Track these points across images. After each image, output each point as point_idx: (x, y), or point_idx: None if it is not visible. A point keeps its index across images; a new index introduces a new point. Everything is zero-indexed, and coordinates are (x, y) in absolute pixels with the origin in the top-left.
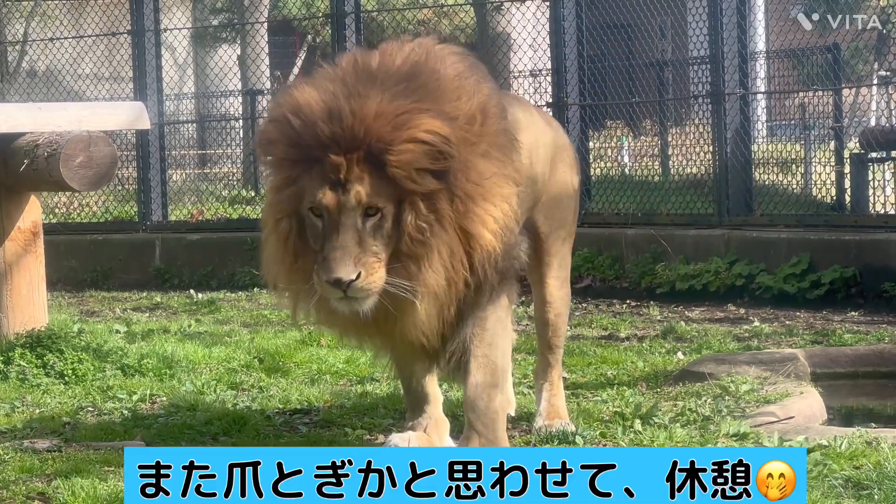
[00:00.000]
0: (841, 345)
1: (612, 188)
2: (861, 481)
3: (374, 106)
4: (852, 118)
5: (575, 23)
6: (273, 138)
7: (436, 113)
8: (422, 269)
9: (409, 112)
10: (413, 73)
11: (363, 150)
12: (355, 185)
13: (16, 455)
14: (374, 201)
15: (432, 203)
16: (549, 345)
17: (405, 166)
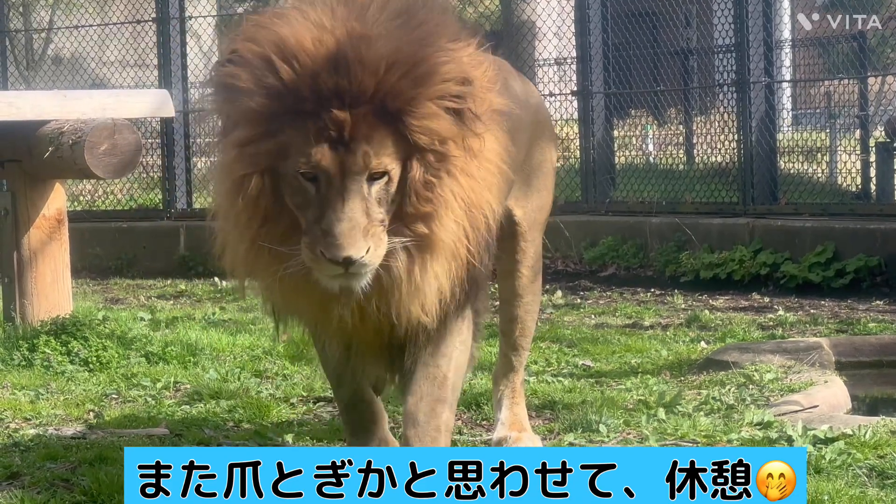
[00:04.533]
0: (865, 334)
1: (637, 177)
2: (885, 470)
3: (385, 51)
4: (878, 107)
5: (600, 11)
6: (245, 87)
7: (454, 55)
8: (433, 227)
9: (428, 60)
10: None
11: (373, 105)
12: (362, 144)
13: (41, 441)
14: (383, 163)
15: (442, 152)
16: (515, 345)
17: (427, 129)
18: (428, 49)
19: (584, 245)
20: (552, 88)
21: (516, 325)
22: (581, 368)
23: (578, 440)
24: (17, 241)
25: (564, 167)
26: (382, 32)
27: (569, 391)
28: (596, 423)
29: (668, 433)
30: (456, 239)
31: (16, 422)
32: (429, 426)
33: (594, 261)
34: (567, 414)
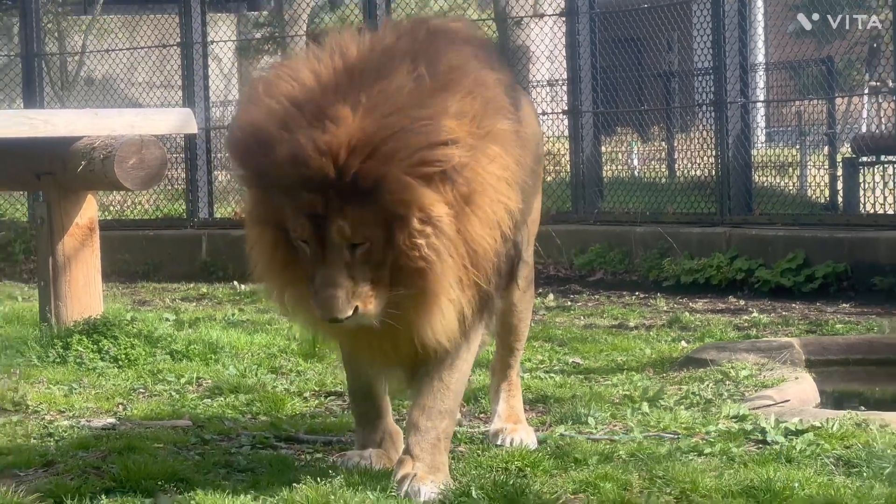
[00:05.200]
0: (833, 334)
1: (623, 189)
2: (851, 460)
3: (345, 137)
4: (845, 125)
5: (589, 37)
6: (239, 157)
7: (428, 121)
8: (426, 281)
9: (395, 136)
10: (393, 64)
11: (343, 184)
12: (337, 220)
13: (73, 432)
14: (361, 234)
15: (426, 215)
16: (511, 348)
17: (402, 201)
18: (398, 122)
19: (574, 252)
20: (545, 108)
21: (512, 331)
22: (571, 365)
23: (569, 431)
24: (52, 247)
25: (556, 180)
26: (347, 114)
27: (560, 386)
28: (585, 415)
29: (652, 425)
30: (454, 283)
31: (51, 414)
32: (429, 434)
33: (583, 266)
34: (558, 407)
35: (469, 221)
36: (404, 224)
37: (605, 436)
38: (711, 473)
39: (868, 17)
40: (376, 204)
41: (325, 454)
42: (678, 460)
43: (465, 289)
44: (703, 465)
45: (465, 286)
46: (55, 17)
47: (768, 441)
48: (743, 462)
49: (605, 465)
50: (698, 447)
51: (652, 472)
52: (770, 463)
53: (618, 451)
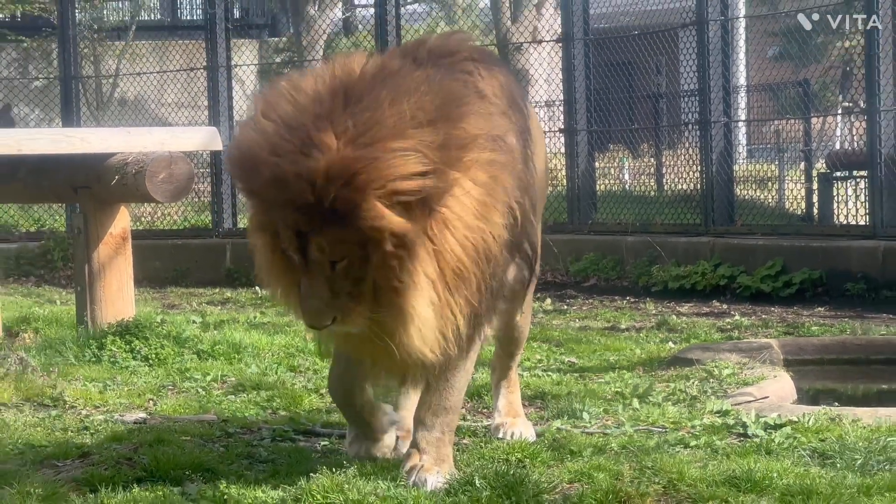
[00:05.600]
0: (809, 336)
1: (615, 202)
2: (825, 452)
3: (325, 165)
4: (820, 143)
5: (584, 61)
6: (235, 174)
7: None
8: (403, 301)
9: (370, 166)
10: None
11: (322, 207)
12: (316, 238)
13: (107, 426)
14: (339, 252)
15: (399, 240)
16: (510, 353)
17: (376, 228)
18: (376, 152)
19: (570, 260)
20: (543, 127)
21: (511, 341)
22: (567, 365)
23: (565, 425)
24: (88, 255)
25: (553, 193)
26: (331, 142)
27: (557, 384)
28: (580, 411)
29: (641, 420)
30: (429, 303)
31: (86, 409)
32: (434, 430)
33: (578, 273)
34: (555, 403)
35: (446, 247)
36: (378, 247)
37: (598, 429)
38: (696, 464)
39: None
40: (353, 226)
41: (340, 446)
42: (666, 452)
43: (447, 307)
44: (689, 456)
45: (448, 305)
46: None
47: (749, 434)
48: (725, 454)
49: (598, 457)
50: (684, 440)
51: (641, 463)
52: (750, 455)
53: (610, 444)
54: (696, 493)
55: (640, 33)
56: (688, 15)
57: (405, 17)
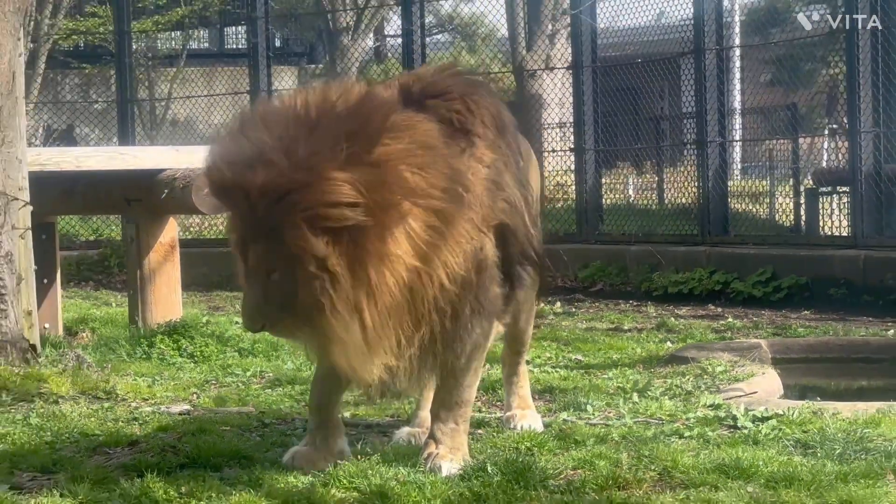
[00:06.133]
0: (796, 336)
1: (620, 214)
2: (808, 442)
3: (260, 181)
4: (807, 161)
5: (592, 86)
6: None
7: (336, 183)
8: (322, 320)
9: (301, 189)
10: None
11: (259, 219)
12: (252, 246)
13: (155, 417)
14: (269, 263)
15: (320, 263)
16: (517, 352)
17: (300, 248)
18: (309, 178)
19: (578, 267)
20: (555, 146)
21: (516, 341)
22: (574, 362)
23: (570, 417)
24: (139, 262)
25: (563, 207)
26: (273, 159)
27: (564, 379)
28: (584, 404)
29: (640, 412)
30: (354, 329)
31: (136, 401)
32: (448, 422)
33: (586, 279)
34: (562, 397)
35: (375, 281)
36: (302, 266)
37: (601, 421)
38: (690, 453)
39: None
40: (281, 242)
41: (365, 436)
42: (662, 442)
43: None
44: (683, 446)
45: (380, 334)
46: (146, 69)
47: (738, 426)
48: (717, 444)
49: (600, 446)
50: (679, 431)
51: (639, 452)
52: (739, 444)
53: (611, 434)
54: (688, 479)
55: (644, 61)
56: (687, 44)
57: (430, 46)
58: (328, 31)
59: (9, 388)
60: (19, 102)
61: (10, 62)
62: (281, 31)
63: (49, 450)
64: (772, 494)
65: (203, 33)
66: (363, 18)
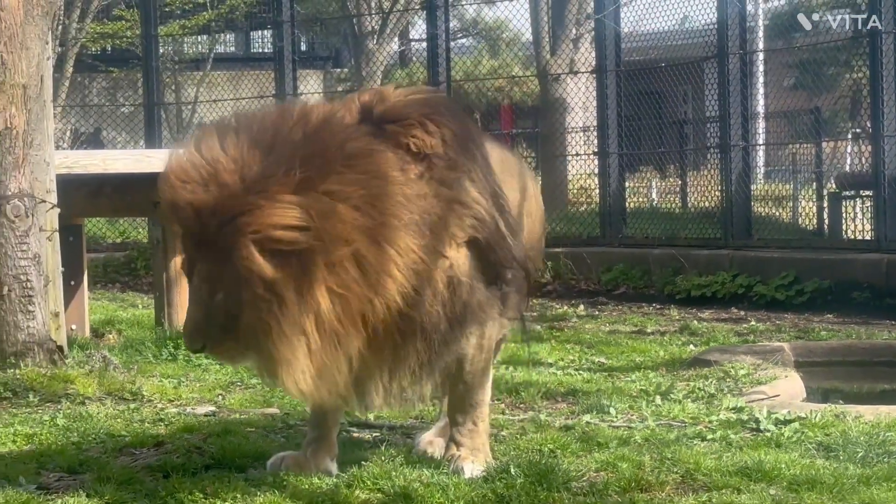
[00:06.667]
0: (818, 340)
1: (643, 218)
2: (830, 445)
3: (211, 201)
4: (830, 165)
5: (615, 90)
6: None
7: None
8: (270, 344)
9: (252, 211)
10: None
11: (207, 238)
12: (198, 264)
13: (180, 418)
14: (214, 284)
15: (268, 285)
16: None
17: (247, 269)
18: (260, 200)
19: (602, 270)
20: (578, 150)
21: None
22: (597, 364)
23: (593, 419)
24: (165, 264)
25: (587, 210)
26: (227, 180)
27: (587, 382)
28: (607, 406)
29: (663, 415)
30: (300, 352)
31: (162, 402)
32: (466, 424)
33: (609, 282)
34: (585, 399)
35: (321, 306)
36: (249, 288)
37: (623, 423)
38: (712, 456)
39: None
40: (229, 263)
41: (389, 437)
42: (684, 445)
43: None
44: (706, 448)
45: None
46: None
47: (761, 429)
48: (739, 447)
49: (622, 448)
50: (702, 434)
51: (662, 455)
52: (762, 447)
53: (634, 437)
54: (710, 482)
55: (668, 65)
56: (710, 49)
57: (454, 50)
58: (353, 36)
59: (36, 389)
60: (47, 106)
61: (39, 66)
62: (307, 36)
63: (75, 450)
64: (794, 497)
65: (229, 37)
66: (388, 23)
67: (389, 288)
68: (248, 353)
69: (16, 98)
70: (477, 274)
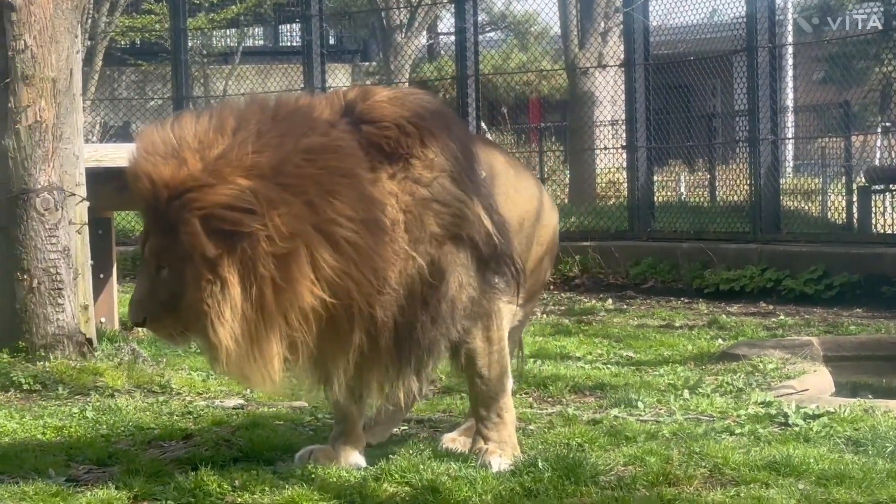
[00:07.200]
0: (847, 334)
1: (672, 212)
2: (859, 440)
3: (167, 174)
4: (860, 159)
5: (644, 84)
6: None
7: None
8: (207, 324)
9: (203, 187)
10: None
11: (160, 212)
12: (150, 237)
13: (209, 410)
14: (162, 257)
15: (211, 266)
16: None
17: (190, 244)
18: (212, 179)
19: (630, 264)
20: (607, 144)
21: None
22: (625, 358)
23: (621, 413)
24: None
25: (615, 204)
26: (190, 159)
27: (615, 376)
28: (635, 400)
29: (691, 409)
30: (237, 335)
31: (190, 395)
32: (490, 418)
33: (637, 276)
34: (613, 393)
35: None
36: (192, 265)
37: (651, 417)
38: (740, 450)
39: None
40: (176, 238)
41: (417, 431)
42: (712, 439)
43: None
44: (734, 443)
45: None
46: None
47: (789, 423)
48: (767, 441)
49: (650, 442)
50: (730, 428)
51: (690, 449)
52: (790, 442)
53: (662, 431)
54: (739, 476)
55: (696, 59)
56: (739, 42)
57: (483, 44)
58: (382, 29)
59: (65, 382)
60: (76, 99)
61: (68, 59)
62: (335, 29)
63: (105, 443)
64: (823, 492)
65: (258, 31)
66: (416, 16)
67: (347, 288)
68: (187, 333)
69: (45, 91)
70: (466, 270)
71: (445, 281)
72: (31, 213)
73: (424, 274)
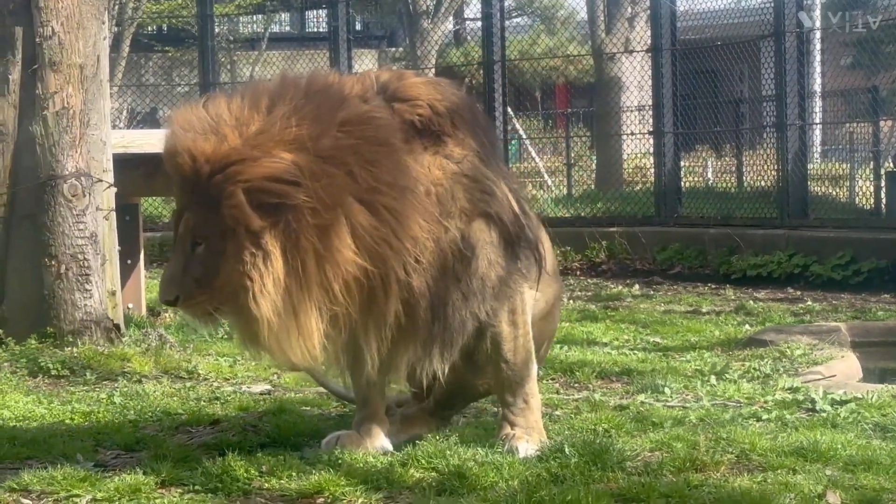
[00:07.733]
0: (875, 320)
1: (699, 197)
2: (887, 426)
3: (209, 149)
4: (888, 144)
5: (671, 69)
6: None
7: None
8: (245, 300)
9: (245, 161)
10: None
11: (200, 187)
12: (186, 214)
13: (236, 396)
14: (199, 232)
15: (254, 238)
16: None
17: (233, 217)
18: (255, 153)
19: (657, 250)
20: (634, 129)
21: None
22: (652, 344)
23: (648, 399)
24: None
25: (642, 189)
26: (230, 134)
27: (642, 361)
28: (662, 386)
29: (718, 395)
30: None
31: (218, 381)
32: (516, 403)
33: (664, 262)
34: (640, 379)
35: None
36: (235, 238)
37: (678, 403)
38: (767, 436)
39: None
40: (217, 212)
41: None
42: (739, 425)
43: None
44: (761, 429)
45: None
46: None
47: (817, 409)
48: (794, 427)
49: (677, 428)
50: (757, 414)
51: (717, 435)
52: (817, 428)
53: (689, 417)
54: (766, 462)
55: (724, 44)
56: (767, 27)
57: (509, 30)
58: (408, 15)
59: (93, 367)
60: (104, 85)
61: (95, 45)
62: (361, 15)
63: (132, 428)
64: (850, 478)
65: (284, 17)
66: (443, 2)
67: (385, 255)
68: (221, 309)
69: (73, 77)
70: (495, 248)
71: (476, 256)
72: (59, 199)
73: (456, 248)
